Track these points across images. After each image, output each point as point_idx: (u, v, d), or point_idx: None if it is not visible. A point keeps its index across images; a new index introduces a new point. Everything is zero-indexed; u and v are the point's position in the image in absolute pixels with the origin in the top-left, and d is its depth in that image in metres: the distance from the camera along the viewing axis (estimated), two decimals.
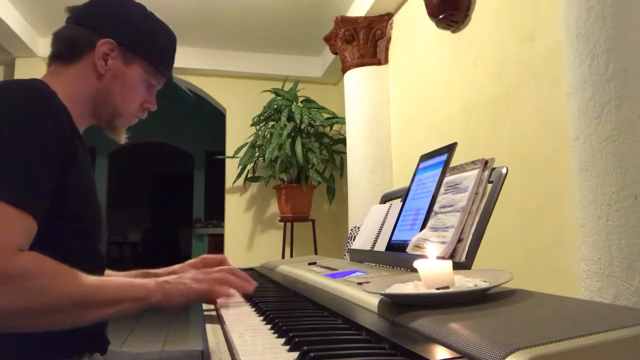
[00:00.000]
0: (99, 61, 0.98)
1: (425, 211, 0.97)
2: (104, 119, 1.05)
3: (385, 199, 1.46)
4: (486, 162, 0.89)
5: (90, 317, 0.78)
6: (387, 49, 2.92)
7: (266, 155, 3.43)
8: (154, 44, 1.05)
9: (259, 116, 3.73)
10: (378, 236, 1.21)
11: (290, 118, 3.51)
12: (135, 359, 1.12)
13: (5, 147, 0.77)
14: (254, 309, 0.88)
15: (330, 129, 3.84)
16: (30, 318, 0.72)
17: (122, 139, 1.10)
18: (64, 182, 0.83)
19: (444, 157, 1.01)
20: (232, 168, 3.93)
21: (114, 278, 0.82)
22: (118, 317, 0.81)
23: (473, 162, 0.91)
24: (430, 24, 2.24)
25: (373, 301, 0.71)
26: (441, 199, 0.95)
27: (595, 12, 1.05)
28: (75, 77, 0.98)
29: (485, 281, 0.66)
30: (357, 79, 2.95)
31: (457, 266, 0.77)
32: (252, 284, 0.95)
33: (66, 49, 0.99)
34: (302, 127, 3.52)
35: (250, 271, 1.55)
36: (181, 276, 0.90)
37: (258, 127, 3.72)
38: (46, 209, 0.78)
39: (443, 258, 0.74)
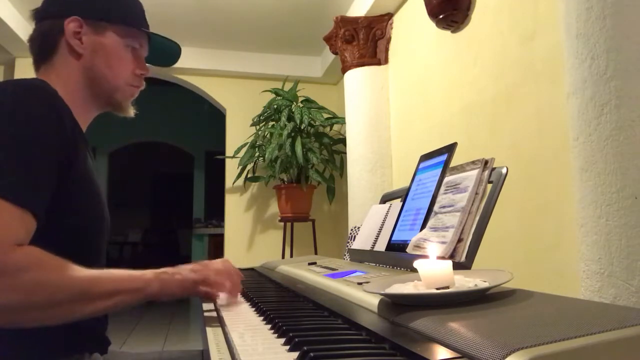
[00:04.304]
0: (73, 41, 0.98)
1: (425, 211, 0.97)
2: (104, 98, 1.04)
3: (385, 199, 1.46)
4: (486, 162, 0.89)
5: (88, 310, 0.78)
6: (387, 49, 2.92)
7: (266, 155, 3.43)
8: (117, 6, 1.04)
9: (259, 116, 3.73)
10: (378, 236, 1.21)
11: (290, 118, 3.51)
12: (135, 359, 1.12)
13: (6, 145, 0.77)
14: (254, 309, 0.88)
15: (330, 129, 3.84)
16: (29, 312, 0.72)
17: (131, 113, 1.10)
18: (66, 181, 0.83)
19: (444, 157, 1.01)
20: (232, 168, 3.93)
21: (112, 270, 0.82)
22: (119, 309, 0.81)
23: (473, 162, 0.91)
24: (430, 24, 2.24)
25: (373, 301, 0.71)
26: (441, 199, 0.95)
27: (595, 12, 1.05)
28: (59, 67, 0.99)
29: (485, 281, 0.66)
30: (357, 79, 2.95)
31: (457, 266, 0.77)
32: (237, 290, 0.96)
33: (42, 46, 1.00)
34: (302, 127, 3.52)
35: (250, 271, 1.55)
36: (179, 267, 0.90)
37: (258, 127, 3.72)
38: (46, 207, 0.78)
39: (443, 258, 0.74)
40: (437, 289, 0.63)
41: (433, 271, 0.65)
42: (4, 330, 0.78)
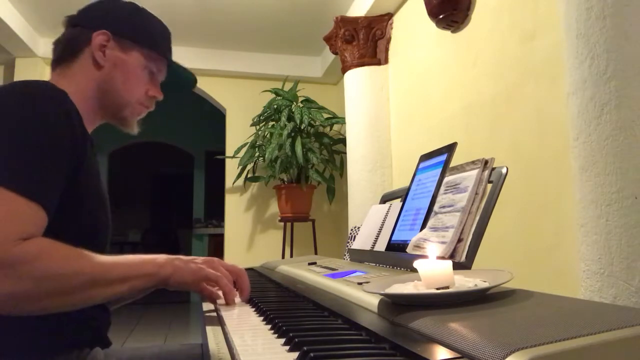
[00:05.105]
0: (97, 53, 1.02)
1: (425, 211, 0.97)
2: (112, 110, 1.07)
3: (385, 199, 1.46)
4: (486, 162, 0.89)
5: (102, 296, 0.79)
6: (387, 49, 2.92)
7: (266, 155, 3.43)
8: (146, 30, 1.08)
9: (259, 116, 3.73)
10: (378, 236, 1.21)
11: (290, 118, 3.51)
12: (136, 353, 1.12)
13: (19, 143, 0.78)
14: (254, 309, 0.88)
15: (330, 129, 3.84)
16: (40, 300, 0.73)
17: (135, 130, 1.12)
18: (74, 182, 0.84)
19: (443, 157, 1.01)
20: (232, 168, 3.93)
21: (125, 256, 0.83)
22: (135, 294, 0.83)
23: (473, 162, 0.91)
24: (430, 24, 2.24)
25: (373, 301, 0.71)
26: (441, 199, 0.95)
27: (595, 12, 1.05)
28: (77, 73, 1.02)
29: (485, 281, 0.66)
30: (357, 79, 2.95)
31: (457, 266, 0.77)
32: (236, 294, 0.95)
33: (65, 50, 1.03)
34: (302, 127, 3.52)
35: (251, 271, 1.55)
36: (193, 257, 0.92)
37: (258, 127, 3.72)
38: (56, 204, 0.79)
39: (443, 258, 0.74)
40: (437, 289, 0.63)
41: (433, 271, 0.65)
42: (4, 324, 0.79)
